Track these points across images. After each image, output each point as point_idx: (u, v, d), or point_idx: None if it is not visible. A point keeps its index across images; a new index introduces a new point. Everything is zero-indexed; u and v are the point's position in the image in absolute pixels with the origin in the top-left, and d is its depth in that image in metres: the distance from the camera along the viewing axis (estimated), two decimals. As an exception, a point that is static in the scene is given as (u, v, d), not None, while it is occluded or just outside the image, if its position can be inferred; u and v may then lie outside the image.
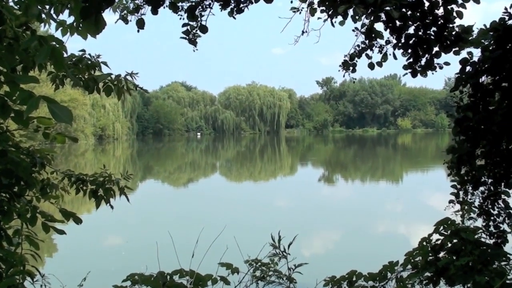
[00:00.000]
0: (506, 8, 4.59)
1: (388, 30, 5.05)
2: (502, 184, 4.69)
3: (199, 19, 5.06)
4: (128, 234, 19.06)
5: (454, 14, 4.81)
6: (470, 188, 4.78)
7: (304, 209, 24.04)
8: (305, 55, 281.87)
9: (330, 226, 20.22)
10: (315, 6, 5.56)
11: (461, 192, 4.82)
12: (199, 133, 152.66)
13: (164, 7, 4.94)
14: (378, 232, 19.12)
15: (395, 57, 5.25)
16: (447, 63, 5.03)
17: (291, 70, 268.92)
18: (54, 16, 3.59)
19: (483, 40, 4.63)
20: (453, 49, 4.85)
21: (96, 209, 4.89)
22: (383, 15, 4.94)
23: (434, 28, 4.89)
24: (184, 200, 28.38)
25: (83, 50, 4.45)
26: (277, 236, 4.76)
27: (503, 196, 4.72)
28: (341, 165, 52.28)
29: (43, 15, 3.57)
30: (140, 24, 4.79)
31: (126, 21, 4.79)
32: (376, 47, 5.43)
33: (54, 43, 2.79)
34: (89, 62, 4.42)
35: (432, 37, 4.91)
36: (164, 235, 6.00)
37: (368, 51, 5.51)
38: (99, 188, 4.77)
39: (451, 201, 4.85)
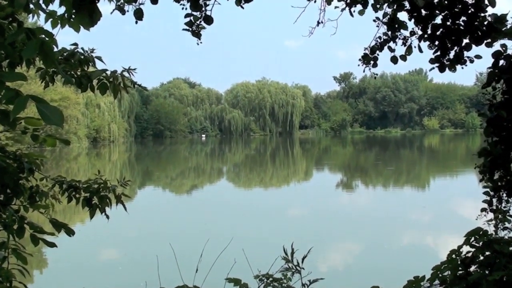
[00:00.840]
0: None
1: (412, 20, 5.04)
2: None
3: (203, 9, 5.05)
4: (126, 246, 19.10)
5: (486, 2, 4.79)
6: (504, 194, 4.74)
7: (320, 219, 24.01)
8: (320, 48, 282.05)
9: (349, 237, 20.18)
10: (332, -7, 5.54)
11: (494, 199, 4.78)
12: (203, 135, 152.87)
13: (164, -4, 4.93)
14: (402, 244, 19.07)
15: (420, 50, 5.23)
16: (478, 57, 4.99)
17: (306, 65, 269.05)
18: (44, 6, 3.59)
19: (518, 31, 4.60)
20: (485, 41, 4.81)
21: (90, 219, 4.90)
22: (407, 4, 4.92)
23: (463, 18, 4.86)
24: (188, 209, 28.41)
25: (76, 44, 4.46)
26: (290, 249, 4.74)
27: (541, 204, 4.68)
28: (361, 169, 52.17)
29: (31, 5, 3.58)
30: (138, 14, 4.78)
31: (123, 11, 4.79)
32: (399, 39, 5.42)
33: (43, 36, 2.79)
34: (82, 57, 4.43)
35: (461, 27, 4.89)
36: (165, 247, 6.01)
37: (391, 44, 5.50)
38: (94, 196, 4.78)
39: (483, 209, 4.82)
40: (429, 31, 5.01)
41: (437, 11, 4.89)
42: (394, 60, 5.49)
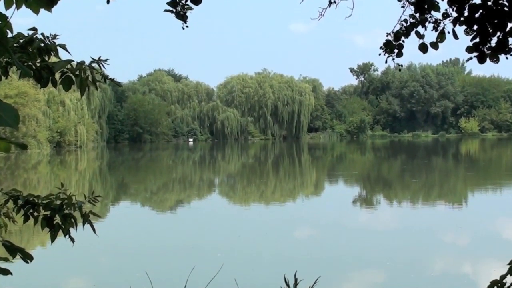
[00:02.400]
0: None
1: (445, 0, 5.04)
2: None
3: (190, -15, 5.05)
4: (95, 275, 19.07)
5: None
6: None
7: (332, 241, 23.98)
8: (334, 33, 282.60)
9: (369, 264, 20.15)
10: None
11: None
12: (191, 139, 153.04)
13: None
14: (433, 273, 19.05)
15: (455, 36, 5.23)
16: (526, 44, 5.00)
17: (316, 54, 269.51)
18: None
19: None
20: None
21: (52, 243, 4.89)
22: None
23: (508, -3, 4.87)
24: (171, 229, 28.38)
25: (34, 29, 4.46)
26: (292, 279, 4.73)
27: None
28: (384, 181, 52.16)
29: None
30: (111, -8, 4.79)
31: (92, -12, 4.79)
32: (430, 22, 5.42)
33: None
34: (42, 44, 4.42)
35: (505, 8, 4.89)
36: (141, 276, 6.03)
37: (419, 28, 5.50)
38: (56, 214, 4.77)
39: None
40: (466, 13, 5.02)
41: (475, -11, 4.90)
42: (423, 48, 5.49)
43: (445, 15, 5.22)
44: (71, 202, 4.82)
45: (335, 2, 5.74)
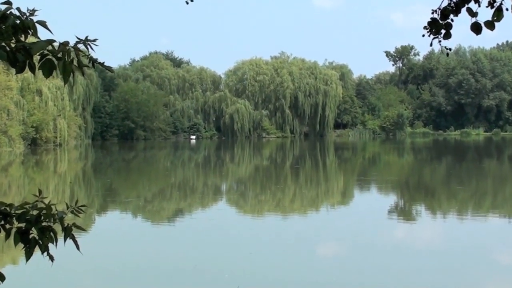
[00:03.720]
0: None
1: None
2: None
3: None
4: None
5: None
6: None
7: (364, 262, 23.92)
8: (366, 9, 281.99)
9: (409, 287, 20.13)
10: None
11: None
12: (193, 136, 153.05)
13: None
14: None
15: (515, 14, 5.20)
16: None
17: (344, 34, 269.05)
18: None
19: None
20: None
21: (27, 261, 4.88)
22: None
23: None
24: (168, 245, 28.40)
25: (9, 3, 4.45)
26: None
27: None
28: (426, 189, 52.03)
29: None
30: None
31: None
32: (484, -3, 5.39)
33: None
34: (18, 21, 4.42)
35: None
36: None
37: (472, 4, 5.47)
38: (32, 227, 4.75)
39: None
40: (528, -14, 4.99)
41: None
42: (476, 28, 5.45)
43: (504, -12, 5.19)
44: (50, 213, 4.79)
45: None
